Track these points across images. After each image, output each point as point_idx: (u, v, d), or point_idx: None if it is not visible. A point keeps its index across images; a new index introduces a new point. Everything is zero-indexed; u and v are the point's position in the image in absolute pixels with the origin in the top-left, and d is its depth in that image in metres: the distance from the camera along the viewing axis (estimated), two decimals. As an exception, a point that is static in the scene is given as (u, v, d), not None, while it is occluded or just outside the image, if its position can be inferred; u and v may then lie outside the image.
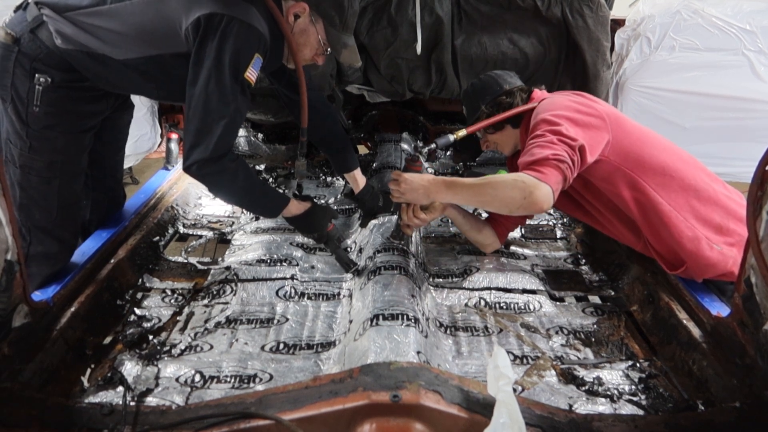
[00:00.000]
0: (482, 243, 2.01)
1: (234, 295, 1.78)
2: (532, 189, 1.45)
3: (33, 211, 1.62)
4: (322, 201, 2.48)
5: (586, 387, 1.41)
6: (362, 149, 3.04)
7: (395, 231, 1.88)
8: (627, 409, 1.34)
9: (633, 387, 1.42)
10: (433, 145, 1.86)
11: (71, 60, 1.54)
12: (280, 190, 2.18)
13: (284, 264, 1.94)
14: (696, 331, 1.48)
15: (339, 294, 1.81)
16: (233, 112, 1.51)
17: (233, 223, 2.31)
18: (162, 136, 2.78)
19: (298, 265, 1.94)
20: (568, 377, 1.45)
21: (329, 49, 1.70)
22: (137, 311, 1.69)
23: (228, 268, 1.90)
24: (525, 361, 1.52)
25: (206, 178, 1.59)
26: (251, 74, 1.52)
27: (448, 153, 3.06)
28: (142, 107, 2.61)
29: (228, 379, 1.43)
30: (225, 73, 1.46)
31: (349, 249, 2.07)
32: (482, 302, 1.78)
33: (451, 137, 1.84)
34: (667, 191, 1.60)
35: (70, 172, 1.67)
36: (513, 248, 2.11)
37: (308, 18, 1.63)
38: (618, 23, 2.58)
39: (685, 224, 1.59)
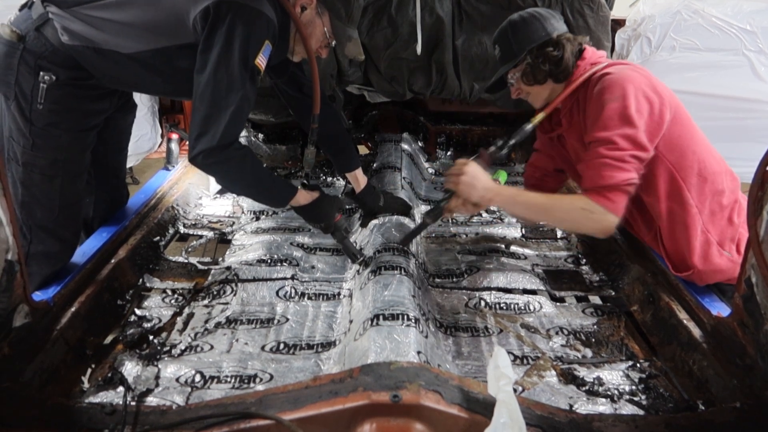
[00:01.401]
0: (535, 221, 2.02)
1: (234, 295, 1.78)
2: (601, 220, 1.49)
3: (35, 210, 1.62)
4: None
5: (587, 387, 1.41)
6: (363, 149, 3.05)
7: (407, 237, 1.87)
8: (627, 409, 1.34)
9: (633, 387, 1.42)
10: (512, 141, 1.75)
11: (77, 56, 1.54)
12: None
13: (284, 264, 1.94)
14: (696, 332, 1.48)
15: (339, 294, 1.81)
16: (241, 99, 1.50)
17: (233, 223, 2.31)
18: (162, 136, 2.79)
19: (298, 265, 1.94)
20: (569, 377, 1.45)
21: (333, 42, 1.71)
22: (137, 311, 1.69)
23: (228, 268, 1.90)
24: (525, 361, 1.52)
25: (212, 168, 1.57)
26: (261, 61, 1.51)
27: (449, 153, 3.07)
28: (143, 107, 2.61)
29: (228, 379, 1.43)
30: (234, 60, 1.46)
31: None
32: (482, 302, 1.78)
33: (529, 126, 1.74)
34: (698, 193, 1.57)
35: (72, 170, 1.67)
36: (513, 248, 2.11)
37: (314, 10, 1.63)
38: (618, 23, 2.58)
39: (701, 228, 1.58)
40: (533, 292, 1.84)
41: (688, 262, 1.60)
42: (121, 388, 1.35)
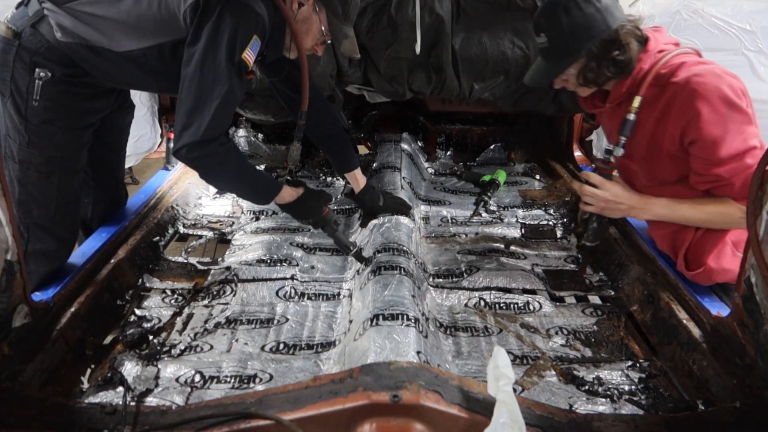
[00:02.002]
0: None
1: (234, 295, 1.78)
2: None
3: (32, 208, 1.62)
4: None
5: (586, 387, 1.41)
6: (362, 149, 3.05)
7: (592, 234, 1.77)
8: (627, 409, 1.34)
9: (633, 387, 1.42)
10: (623, 140, 1.56)
11: (71, 54, 1.54)
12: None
13: (284, 264, 1.94)
14: (696, 331, 1.48)
15: (339, 294, 1.81)
16: (227, 93, 1.49)
17: (233, 223, 2.31)
18: (162, 136, 2.79)
19: (298, 265, 1.94)
20: (568, 377, 1.45)
21: (330, 40, 1.71)
22: (137, 311, 1.69)
23: (228, 268, 1.90)
24: (525, 361, 1.52)
25: (195, 162, 1.56)
26: (249, 56, 1.51)
27: (449, 153, 3.07)
28: (142, 107, 2.61)
29: (228, 380, 1.43)
30: (221, 53, 1.46)
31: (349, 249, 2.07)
32: (482, 302, 1.78)
33: (632, 116, 1.54)
34: None
35: (68, 168, 1.67)
36: (513, 248, 2.11)
37: (312, 7, 1.64)
38: (618, 23, 2.58)
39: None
40: (533, 292, 1.84)
41: (702, 259, 1.58)
42: (120, 388, 1.34)
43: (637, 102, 1.52)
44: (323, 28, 1.67)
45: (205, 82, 1.47)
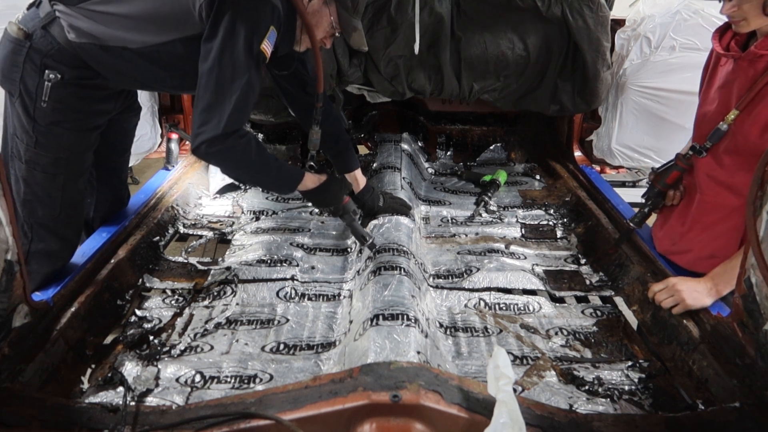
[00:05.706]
0: None
1: (234, 295, 1.78)
2: None
3: (36, 208, 1.62)
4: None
5: (586, 387, 1.41)
6: (362, 149, 3.04)
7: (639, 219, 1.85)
8: (627, 409, 1.34)
9: (633, 387, 1.42)
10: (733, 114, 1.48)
11: (83, 54, 1.54)
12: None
13: (284, 264, 1.94)
14: (696, 332, 1.48)
15: (339, 294, 1.81)
16: (246, 86, 1.48)
17: (233, 223, 2.31)
18: (162, 136, 2.78)
19: (298, 265, 1.94)
20: (568, 377, 1.45)
21: (339, 33, 1.72)
22: (138, 312, 1.69)
23: (228, 268, 1.90)
24: (525, 361, 1.52)
25: (216, 157, 1.55)
26: (267, 47, 1.50)
27: (449, 153, 3.06)
28: (143, 107, 2.60)
29: (228, 380, 1.43)
30: (239, 46, 1.45)
31: (349, 249, 2.08)
32: (482, 303, 1.78)
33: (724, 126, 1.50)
34: None
35: (75, 169, 1.67)
36: (513, 248, 2.11)
37: (322, 0, 1.64)
38: (618, 23, 2.58)
39: None
40: (533, 292, 1.84)
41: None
42: (121, 388, 1.35)
43: None
44: (333, 21, 1.68)
45: (224, 76, 1.46)
